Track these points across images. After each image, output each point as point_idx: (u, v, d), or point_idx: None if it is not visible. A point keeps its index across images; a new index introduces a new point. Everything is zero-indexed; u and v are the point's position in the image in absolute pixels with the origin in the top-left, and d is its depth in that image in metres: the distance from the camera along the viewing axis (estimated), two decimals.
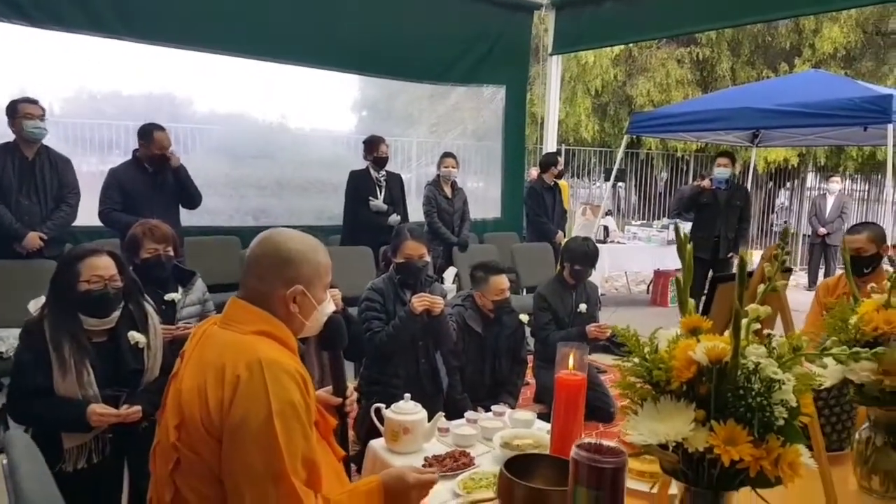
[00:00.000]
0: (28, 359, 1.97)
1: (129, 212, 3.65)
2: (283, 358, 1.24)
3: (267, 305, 1.30)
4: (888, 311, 1.23)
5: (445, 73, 6.04)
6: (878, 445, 1.28)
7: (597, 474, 0.87)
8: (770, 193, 11.49)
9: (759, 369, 0.83)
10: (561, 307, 3.51)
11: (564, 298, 3.54)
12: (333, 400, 1.48)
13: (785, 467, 0.82)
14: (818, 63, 9.45)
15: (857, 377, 1.21)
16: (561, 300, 3.53)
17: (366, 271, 4.33)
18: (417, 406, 1.76)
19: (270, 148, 5.82)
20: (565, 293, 3.56)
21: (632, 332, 0.93)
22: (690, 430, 0.84)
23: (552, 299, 3.52)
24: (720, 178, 5.25)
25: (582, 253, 3.53)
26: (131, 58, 4.75)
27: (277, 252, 1.32)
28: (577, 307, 3.54)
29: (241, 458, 1.15)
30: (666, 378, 0.89)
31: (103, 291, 2.03)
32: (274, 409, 1.16)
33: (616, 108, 10.04)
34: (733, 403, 0.84)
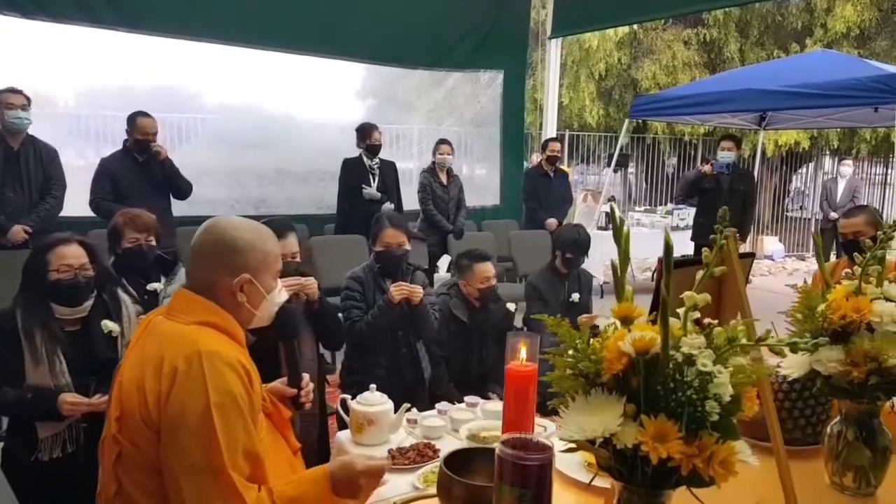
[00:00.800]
0: (1, 348, 1.96)
1: (119, 201, 3.63)
2: (225, 349, 1.20)
3: (213, 295, 1.27)
4: (858, 298, 1.16)
5: (442, 59, 5.95)
6: (850, 440, 1.22)
7: (521, 472, 0.83)
8: (784, 178, 11.27)
9: (690, 361, 0.77)
10: (553, 296, 3.45)
11: (556, 287, 3.48)
12: (288, 391, 1.44)
13: (717, 466, 0.76)
14: (830, 43, 9.19)
15: (823, 368, 1.15)
16: (553, 289, 3.47)
17: (359, 260, 4.26)
18: (383, 397, 1.72)
19: (270, 137, 5.80)
20: (557, 282, 3.49)
21: (562, 322, 0.88)
22: (618, 425, 0.79)
23: (544, 288, 3.45)
24: (722, 162, 5.13)
25: (572, 240, 3.46)
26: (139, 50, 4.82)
27: (222, 240, 1.28)
28: (569, 296, 3.47)
29: (180, 452, 1.13)
30: (595, 370, 0.84)
31: (73, 280, 2.02)
32: (212, 402, 1.13)
33: (621, 91, 9.85)
34: (664, 397, 0.79)
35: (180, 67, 5.20)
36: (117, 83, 5.04)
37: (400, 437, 1.72)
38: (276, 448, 1.35)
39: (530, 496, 0.82)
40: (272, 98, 5.73)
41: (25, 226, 3.49)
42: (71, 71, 4.79)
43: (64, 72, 4.77)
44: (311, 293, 2.22)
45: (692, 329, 0.87)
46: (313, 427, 2.31)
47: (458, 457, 1.07)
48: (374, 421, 1.66)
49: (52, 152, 3.66)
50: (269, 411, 1.37)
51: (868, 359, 1.11)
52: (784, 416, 1.42)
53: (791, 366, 1.21)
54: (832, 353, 1.14)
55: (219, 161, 5.60)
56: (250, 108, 5.67)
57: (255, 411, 1.21)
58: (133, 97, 4.91)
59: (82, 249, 2.07)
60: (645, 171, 10.98)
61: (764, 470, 1.20)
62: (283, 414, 1.41)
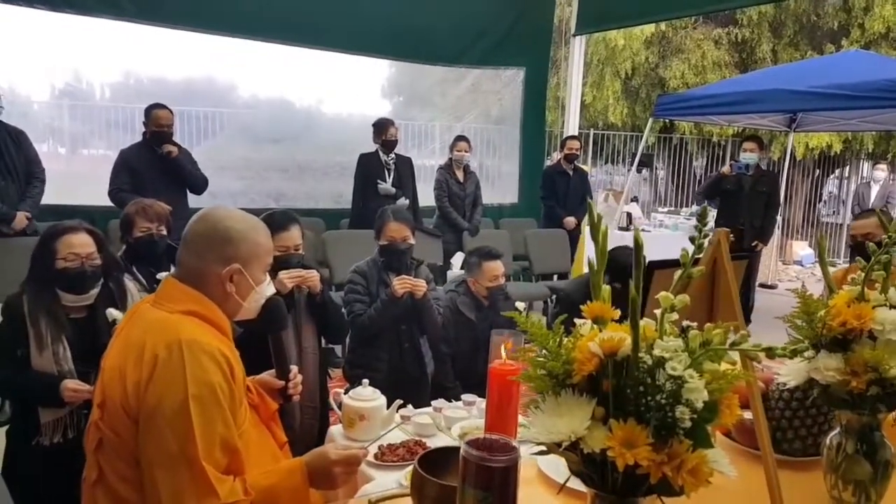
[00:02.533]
0: (6, 333, 2.01)
1: (137, 192, 3.68)
2: (208, 338, 1.20)
3: (202, 284, 1.27)
4: (860, 304, 1.10)
5: (464, 55, 5.92)
6: (849, 453, 1.16)
7: (485, 474, 0.80)
8: (817, 181, 10.95)
9: (661, 364, 0.74)
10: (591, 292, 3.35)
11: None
12: (276, 383, 1.44)
13: (685, 474, 0.72)
14: (868, 44, 8.88)
15: (821, 377, 1.10)
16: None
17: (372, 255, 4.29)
18: (376, 392, 1.70)
19: (294, 131, 5.88)
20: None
21: (535, 321, 0.85)
22: (586, 429, 0.76)
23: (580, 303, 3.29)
24: (743, 163, 4.99)
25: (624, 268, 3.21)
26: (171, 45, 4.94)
27: (215, 229, 1.28)
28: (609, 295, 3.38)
29: (156, 442, 1.13)
30: (565, 370, 0.80)
31: (80, 269, 2.04)
32: (191, 393, 1.13)
33: (648, 91, 9.67)
34: (634, 401, 0.75)
35: (211, 62, 5.32)
36: (151, 76, 5.16)
37: (393, 433, 1.70)
38: (261, 441, 1.35)
39: (493, 499, 0.79)
40: (298, 93, 5.80)
41: (25, 212, 3.55)
42: (105, 65, 4.93)
43: (98, 65, 4.91)
44: (313, 286, 2.22)
45: (670, 331, 0.83)
46: (314, 420, 2.31)
47: (435, 456, 1.04)
48: (366, 416, 1.64)
49: (22, 134, 3.67)
50: (254, 403, 1.37)
51: (868, 368, 1.06)
52: (784, 426, 1.37)
53: (789, 373, 1.16)
54: (831, 361, 1.09)
55: (242, 154, 5.70)
56: (277, 102, 5.76)
57: (236, 403, 1.20)
58: (164, 91, 5.04)
59: (90, 238, 2.10)
60: (672, 171, 10.78)
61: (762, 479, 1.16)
62: (270, 406, 1.41)
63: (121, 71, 5.10)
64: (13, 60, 4.52)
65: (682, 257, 0.80)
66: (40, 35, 4.47)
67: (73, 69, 4.89)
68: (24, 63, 4.58)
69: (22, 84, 4.72)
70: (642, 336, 0.79)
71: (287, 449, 1.44)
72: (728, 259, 1.03)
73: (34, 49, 4.52)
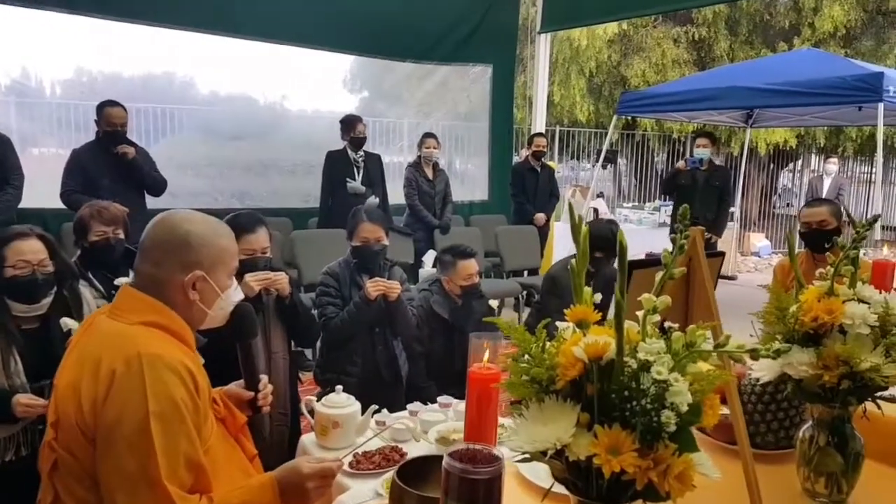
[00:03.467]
0: None
1: (90, 193, 3.53)
2: (169, 351, 1.14)
3: (163, 293, 1.20)
4: (831, 299, 1.12)
5: (430, 52, 5.88)
6: (821, 445, 1.18)
7: (469, 487, 0.78)
8: (772, 175, 11.29)
9: (646, 368, 0.73)
10: (571, 294, 3.30)
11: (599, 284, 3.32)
12: (245, 394, 1.38)
13: (671, 480, 0.72)
14: (818, 42, 9.19)
15: (794, 372, 1.11)
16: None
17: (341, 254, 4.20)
18: (350, 399, 1.66)
19: (258, 129, 5.72)
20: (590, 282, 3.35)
21: (518, 326, 0.83)
22: (571, 436, 0.75)
23: (563, 283, 3.08)
24: (696, 158, 5.11)
25: (605, 237, 2.93)
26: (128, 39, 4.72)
27: (174, 235, 1.22)
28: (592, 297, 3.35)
29: (115, 462, 1.07)
30: (549, 376, 0.79)
31: (31, 277, 1.94)
32: (151, 409, 1.07)
33: (611, 88, 9.82)
34: (619, 406, 0.74)
35: (169, 57, 5.12)
36: (105, 72, 4.95)
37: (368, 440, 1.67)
38: (230, 455, 1.29)
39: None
40: (261, 89, 5.65)
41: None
42: (56, 60, 4.70)
43: (48, 61, 4.68)
44: (282, 288, 2.17)
45: (652, 334, 0.82)
46: (284, 427, 2.26)
47: (415, 465, 1.02)
48: (340, 424, 1.60)
49: (6, 142, 3.54)
50: (222, 416, 1.31)
51: (840, 362, 1.08)
52: (757, 420, 1.39)
53: (762, 368, 1.17)
54: (803, 356, 1.11)
55: (204, 152, 5.52)
56: (239, 98, 5.59)
57: (201, 417, 1.15)
58: (119, 87, 4.85)
59: (41, 244, 1.99)
60: (634, 167, 10.97)
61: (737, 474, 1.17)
62: (239, 419, 1.35)
63: (72, 67, 4.88)
64: None
65: (664, 258, 0.79)
66: None
67: (21, 65, 4.66)
68: None
69: None
70: (625, 339, 0.78)
71: (258, 462, 1.39)
72: (703, 257, 1.03)
73: None
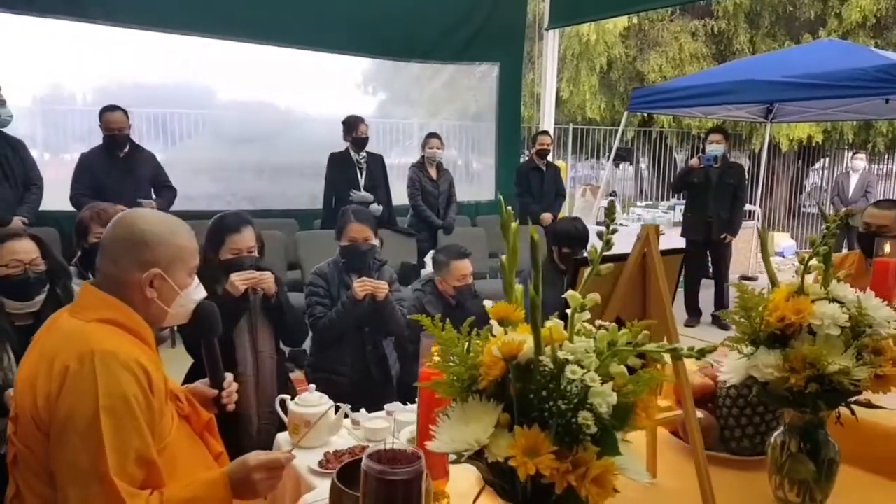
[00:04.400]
0: None
1: (99, 197, 3.60)
2: (124, 348, 1.14)
3: (121, 291, 1.21)
4: (799, 298, 1.06)
5: (435, 51, 5.85)
6: (793, 452, 1.12)
7: (387, 488, 0.75)
8: (800, 172, 11.00)
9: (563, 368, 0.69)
10: (551, 294, 3.28)
11: (555, 284, 3.33)
12: (209, 392, 1.38)
13: (588, 484, 0.68)
14: (845, 33, 8.91)
15: (759, 374, 1.06)
16: (551, 286, 3.30)
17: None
18: (322, 398, 1.65)
19: (270, 132, 5.78)
20: (556, 278, 3.35)
21: (443, 325, 0.80)
22: (489, 437, 0.71)
23: (547, 281, 3.25)
24: (710, 155, 4.98)
25: (568, 233, 3.24)
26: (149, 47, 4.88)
27: (131, 233, 1.23)
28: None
29: (67, 457, 1.08)
30: (470, 376, 0.76)
31: (23, 276, 1.99)
32: (102, 405, 1.07)
33: (627, 85, 9.66)
34: (538, 407, 0.71)
35: (188, 64, 5.24)
36: (131, 80, 5.08)
37: (341, 438, 1.66)
38: (193, 452, 1.29)
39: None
40: (273, 93, 5.71)
41: (23, 217, 3.52)
42: (87, 69, 4.84)
43: (80, 70, 4.83)
44: (267, 287, 2.16)
45: (585, 332, 0.79)
46: (272, 426, 2.25)
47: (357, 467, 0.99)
48: (312, 423, 1.59)
49: (22, 145, 3.67)
50: (185, 413, 1.31)
51: (806, 364, 1.02)
52: (732, 424, 1.33)
53: (729, 371, 1.12)
54: (769, 357, 1.05)
55: (219, 156, 5.62)
56: (253, 103, 5.66)
57: (156, 414, 1.15)
58: (144, 93, 5.01)
59: (33, 244, 2.04)
60: (653, 165, 10.79)
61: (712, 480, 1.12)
62: (203, 416, 1.35)
63: (102, 75, 5.03)
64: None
65: (590, 254, 0.75)
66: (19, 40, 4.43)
67: (54, 74, 4.83)
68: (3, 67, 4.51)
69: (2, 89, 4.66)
70: (551, 338, 0.75)
71: (225, 459, 1.38)
72: (657, 255, 0.99)
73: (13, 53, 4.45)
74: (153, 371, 1.17)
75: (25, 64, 4.45)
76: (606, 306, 1.04)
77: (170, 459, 1.18)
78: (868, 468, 1.27)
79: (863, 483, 1.25)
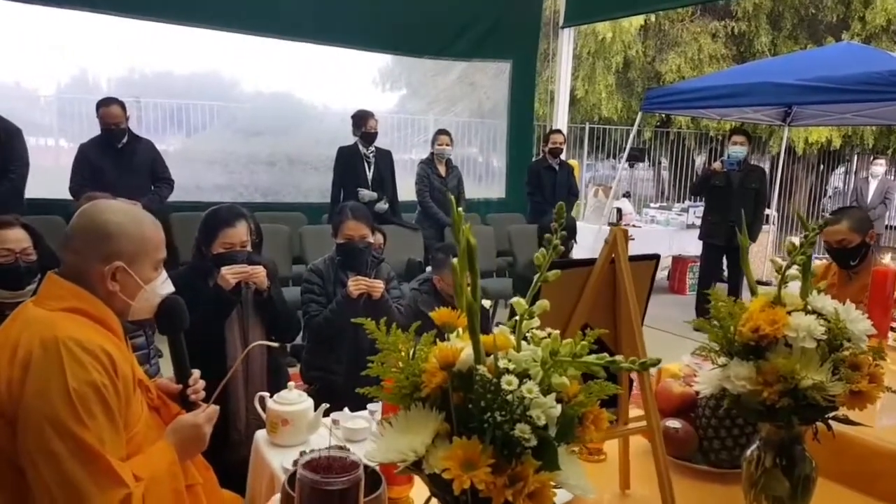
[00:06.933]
0: None
1: (98, 187, 3.63)
2: (88, 335, 1.14)
3: (84, 282, 1.21)
4: (775, 309, 1.02)
5: (450, 48, 5.82)
6: (767, 467, 1.09)
7: (322, 498, 0.73)
8: (821, 177, 10.78)
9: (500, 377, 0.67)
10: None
11: None
12: (172, 387, 1.37)
13: (524, 499, 0.66)
14: (868, 37, 8.71)
15: (731, 386, 1.02)
16: None
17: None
18: (302, 395, 1.64)
19: (286, 125, 5.82)
20: None
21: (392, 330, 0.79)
22: (426, 447, 0.69)
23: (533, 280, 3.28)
24: (734, 158, 4.88)
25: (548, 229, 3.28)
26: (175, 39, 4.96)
27: (94, 224, 1.23)
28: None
29: (41, 444, 1.07)
30: (412, 383, 0.74)
31: (14, 265, 2.01)
32: (73, 388, 1.08)
33: (644, 84, 9.54)
34: (477, 417, 0.69)
35: (209, 56, 5.31)
36: (153, 71, 5.17)
37: (320, 438, 1.65)
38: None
39: None
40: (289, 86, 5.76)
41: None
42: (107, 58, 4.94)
43: (100, 59, 4.92)
44: (259, 282, 2.16)
45: (535, 340, 0.76)
46: (260, 422, 2.25)
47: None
48: (290, 421, 1.58)
49: (16, 132, 3.63)
50: (155, 405, 1.31)
51: (779, 378, 0.98)
52: (710, 435, 1.30)
53: (703, 381, 1.09)
54: (741, 369, 1.02)
55: (233, 147, 5.67)
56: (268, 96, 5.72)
57: (122, 402, 1.15)
58: (165, 84, 5.10)
59: (25, 233, 2.06)
60: (672, 166, 10.64)
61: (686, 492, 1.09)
62: (172, 409, 1.34)
63: (124, 66, 5.11)
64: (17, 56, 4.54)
65: (535, 260, 0.73)
66: (46, 31, 4.52)
67: (80, 65, 4.93)
68: (30, 58, 4.60)
69: (28, 78, 4.77)
70: (496, 345, 0.72)
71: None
72: (625, 259, 0.96)
73: (39, 44, 4.55)
74: (119, 358, 1.16)
75: (49, 54, 4.53)
76: (574, 312, 1.01)
77: (137, 448, 1.19)
78: (844, 482, 1.23)
79: (839, 497, 1.21)
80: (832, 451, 1.12)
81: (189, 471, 1.29)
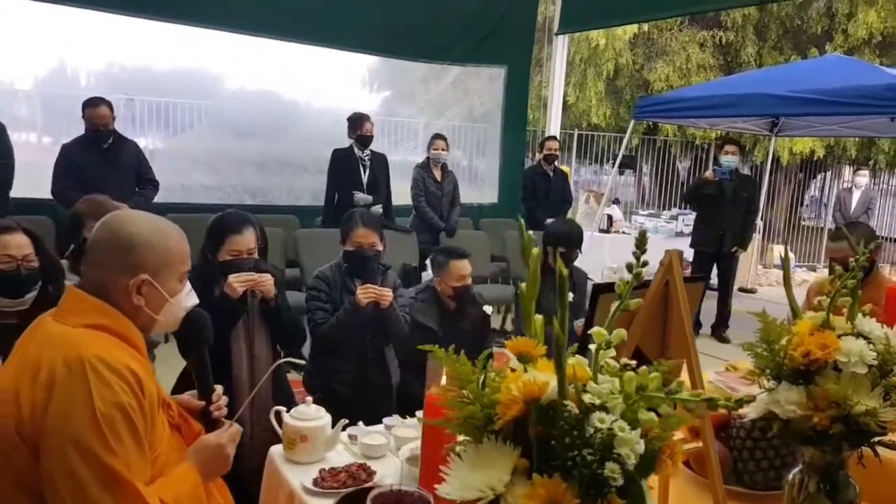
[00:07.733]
0: None
1: (83, 189, 3.51)
2: (114, 354, 1.09)
3: (108, 296, 1.16)
4: (824, 333, 1.02)
5: (444, 52, 5.80)
6: (811, 492, 1.08)
7: None
8: (800, 186, 10.98)
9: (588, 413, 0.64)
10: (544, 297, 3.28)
11: (549, 287, 3.30)
12: (195, 404, 1.32)
13: None
14: (851, 49, 8.89)
15: (781, 411, 1.01)
16: (544, 289, 3.29)
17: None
18: (319, 411, 1.59)
19: (273, 126, 5.72)
20: (550, 280, 3.31)
21: (455, 355, 0.75)
22: (506, 485, 0.67)
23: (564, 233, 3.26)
24: (726, 167, 4.94)
25: (565, 234, 3.27)
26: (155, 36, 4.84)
27: (117, 236, 1.17)
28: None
29: (66, 469, 1.02)
30: (485, 415, 0.71)
31: (15, 272, 1.92)
32: (100, 411, 1.02)
33: (633, 92, 9.62)
34: (560, 455, 0.66)
35: (193, 53, 5.19)
36: (134, 67, 5.03)
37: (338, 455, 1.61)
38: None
39: None
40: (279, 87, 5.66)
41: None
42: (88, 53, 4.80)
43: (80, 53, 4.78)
44: (266, 290, 2.11)
45: (608, 369, 0.74)
46: (267, 433, 2.19)
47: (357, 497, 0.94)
48: (308, 437, 1.54)
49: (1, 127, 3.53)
50: (176, 423, 1.26)
51: (831, 404, 0.97)
52: (745, 457, 1.29)
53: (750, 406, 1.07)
54: (792, 394, 1.01)
55: (220, 147, 5.56)
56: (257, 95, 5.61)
57: (149, 422, 1.10)
58: (147, 80, 4.96)
59: (27, 239, 1.98)
60: (656, 173, 10.75)
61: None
62: (194, 427, 1.29)
63: (105, 60, 4.98)
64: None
65: (617, 287, 0.70)
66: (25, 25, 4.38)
67: (58, 59, 4.77)
68: (8, 52, 4.45)
69: (4, 72, 4.61)
70: (573, 376, 0.70)
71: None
72: (681, 283, 0.94)
73: (19, 38, 4.41)
74: (145, 377, 1.12)
75: (26, 46, 4.39)
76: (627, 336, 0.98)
77: (161, 469, 1.14)
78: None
79: None
80: (872, 474, 1.11)
81: (211, 492, 1.24)
